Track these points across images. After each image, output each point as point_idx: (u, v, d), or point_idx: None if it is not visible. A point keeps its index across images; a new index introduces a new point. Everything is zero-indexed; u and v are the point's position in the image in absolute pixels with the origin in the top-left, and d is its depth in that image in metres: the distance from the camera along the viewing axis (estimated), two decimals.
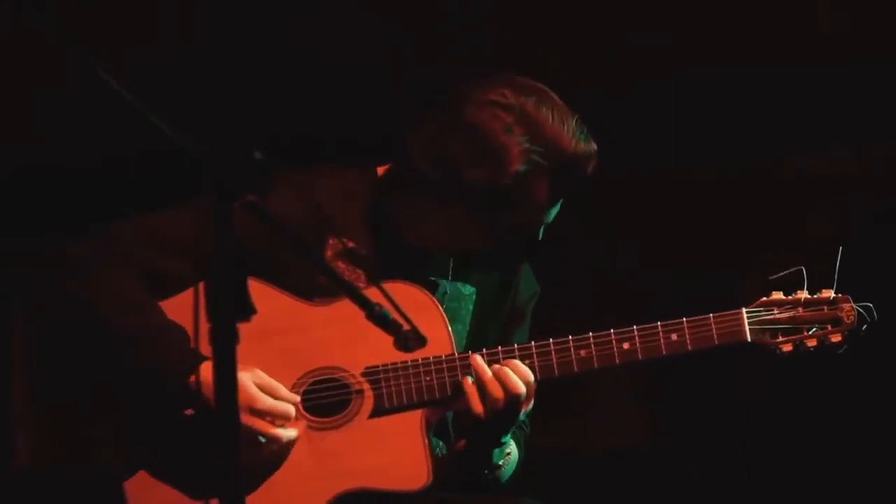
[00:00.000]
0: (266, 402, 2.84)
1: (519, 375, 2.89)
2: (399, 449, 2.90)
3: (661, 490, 4.39)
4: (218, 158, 2.04)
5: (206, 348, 2.10)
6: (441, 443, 3.07)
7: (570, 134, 2.92)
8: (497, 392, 2.88)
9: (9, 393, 3.00)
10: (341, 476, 2.89)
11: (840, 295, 2.94)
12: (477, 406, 2.90)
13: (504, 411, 2.89)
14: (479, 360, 2.92)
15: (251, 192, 2.05)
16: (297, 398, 2.90)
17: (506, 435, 2.97)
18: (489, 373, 2.90)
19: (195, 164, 2.05)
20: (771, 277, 2.94)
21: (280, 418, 2.86)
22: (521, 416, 2.93)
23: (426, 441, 2.91)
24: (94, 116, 3.81)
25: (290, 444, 2.90)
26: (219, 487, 2.08)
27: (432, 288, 3.03)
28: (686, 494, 4.34)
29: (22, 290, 3.01)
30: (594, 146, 2.96)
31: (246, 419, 2.82)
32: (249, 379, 2.84)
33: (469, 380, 2.91)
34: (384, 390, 2.92)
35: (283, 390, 2.88)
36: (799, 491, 4.36)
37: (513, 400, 2.88)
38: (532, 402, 2.93)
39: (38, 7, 1.95)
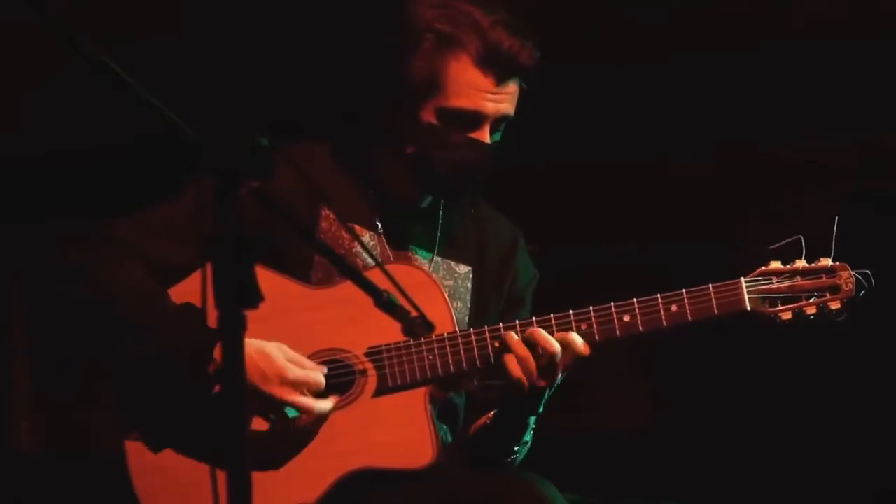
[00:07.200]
0: (297, 372, 2.82)
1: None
2: (403, 427, 2.91)
3: (662, 473, 4.41)
4: (220, 144, 2.04)
5: None
6: (445, 426, 3.08)
7: (489, 13, 2.94)
8: (529, 359, 2.88)
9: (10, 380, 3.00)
10: (346, 456, 2.90)
11: (838, 263, 2.95)
12: (517, 372, 2.88)
13: (543, 373, 2.89)
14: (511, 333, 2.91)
15: (255, 177, 2.05)
16: (324, 368, 2.88)
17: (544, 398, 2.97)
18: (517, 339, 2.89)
19: (195, 151, 2.05)
20: (770, 248, 2.95)
21: (313, 387, 2.85)
22: (560, 376, 2.92)
23: (430, 419, 2.92)
24: (91, 104, 3.80)
25: (323, 418, 2.88)
26: (227, 463, 2.07)
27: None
28: (687, 478, 4.36)
29: (27, 294, 3.00)
30: (528, 40, 2.95)
31: (278, 390, 2.80)
32: (278, 351, 2.83)
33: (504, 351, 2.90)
34: (387, 370, 2.92)
35: (309, 362, 2.86)
36: (799, 476, 4.38)
37: (550, 359, 2.87)
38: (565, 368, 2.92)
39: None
